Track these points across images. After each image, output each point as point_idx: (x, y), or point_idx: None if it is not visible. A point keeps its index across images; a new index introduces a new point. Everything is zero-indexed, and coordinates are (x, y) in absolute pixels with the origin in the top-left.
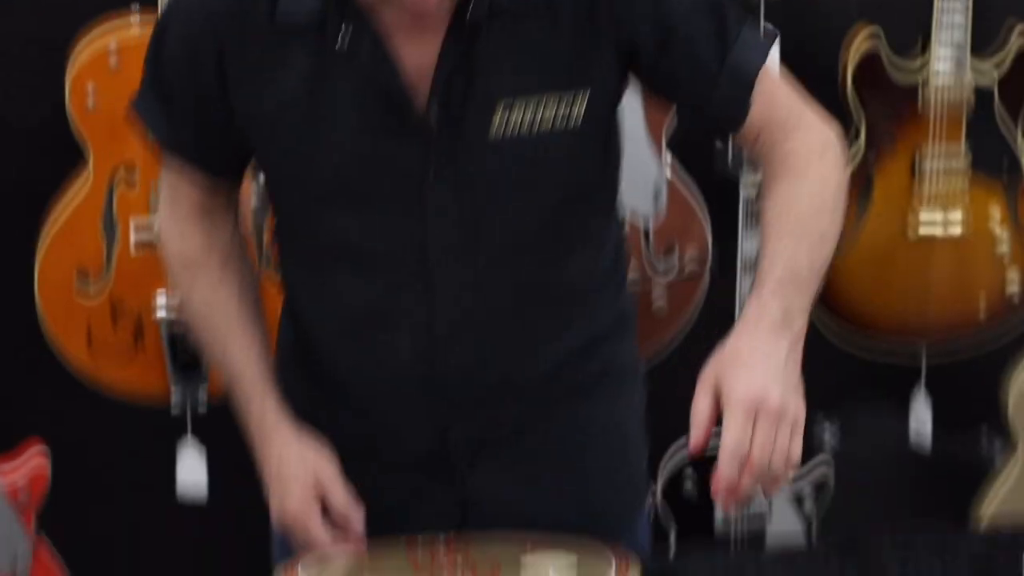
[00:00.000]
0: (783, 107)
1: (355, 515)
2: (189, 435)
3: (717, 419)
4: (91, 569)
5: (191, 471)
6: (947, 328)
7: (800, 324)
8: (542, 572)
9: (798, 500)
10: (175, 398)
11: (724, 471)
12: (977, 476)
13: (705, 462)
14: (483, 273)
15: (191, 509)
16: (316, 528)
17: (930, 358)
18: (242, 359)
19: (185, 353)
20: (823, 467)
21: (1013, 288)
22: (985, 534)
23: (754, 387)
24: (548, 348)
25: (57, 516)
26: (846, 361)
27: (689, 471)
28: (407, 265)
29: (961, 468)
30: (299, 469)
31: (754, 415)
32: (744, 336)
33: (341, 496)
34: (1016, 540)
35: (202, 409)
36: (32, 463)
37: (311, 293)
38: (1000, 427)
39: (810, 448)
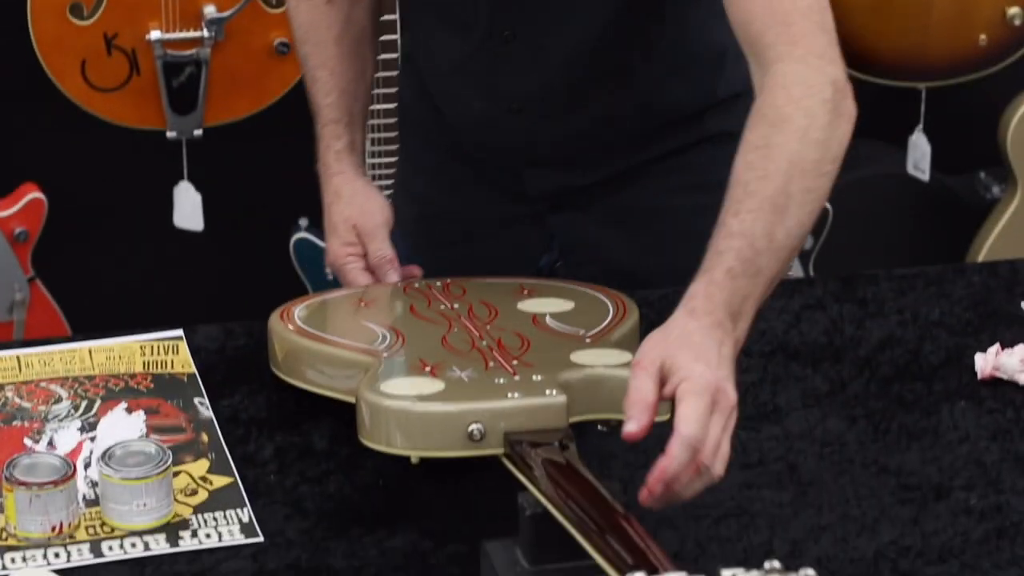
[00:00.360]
0: (785, 10)
1: (388, 268)
2: (185, 170)
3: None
4: (86, 308)
5: (187, 209)
6: (948, 61)
7: (746, 323)
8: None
9: None
10: (170, 128)
11: (677, 460)
12: (973, 220)
13: None
14: (550, 56)
15: (186, 243)
16: (353, 275)
17: (929, 102)
18: (323, 92)
19: (180, 84)
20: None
21: (1014, 11)
22: (983, 266)
23: (714, 376)
24: (629, 126)
25: (52, 256)
26: None
27: None
28: (479, 36)
29: (958, 212)
30: (342, 216)
31: (712, 407)
32: (692, 322)
33: (376, 247)
34: (1015, 272)
35: (198, 132)
36: (28, 201)
37: (414, 33)
38: (997, 173)
39: None
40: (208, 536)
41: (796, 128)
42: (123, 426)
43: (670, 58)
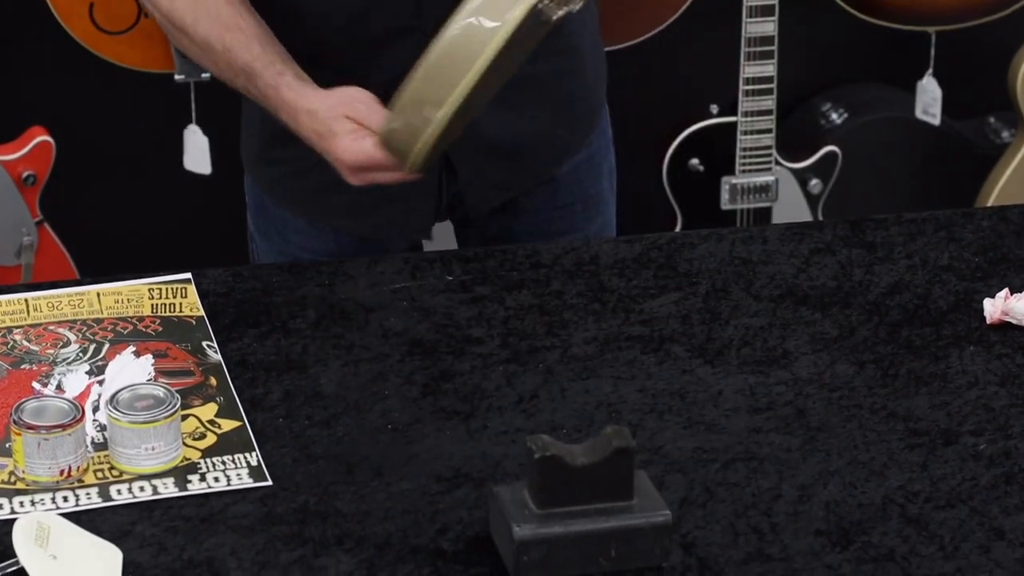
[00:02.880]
0: None
1: None
2: (193, 113)
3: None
4: (95, 252)
5: (195, 152)
6: (957, 5)
7: None
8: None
9: (803, 180)
10: (179, 71)
11: None
12: (983, 165)
13: (706, 138)
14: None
15: (195, 186)
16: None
17: (939, 47)
18: (244, 50)
19: None
20: (830, 145)
21: None
22: (993, 211)
23: None
24: None
25: (60, 200)
26: (854, 48)
27: (691, 150)
28: None
29: (968, 156)
30: (331, 115)
31: None
32: None
33: (376, 121)
34: None
35: (206, 75)
36: (36, 144)
37: None
38: (1007, 118)
39: (819, 129)
40: (216, 480)
41: None
42: (131, 369)
43: None
